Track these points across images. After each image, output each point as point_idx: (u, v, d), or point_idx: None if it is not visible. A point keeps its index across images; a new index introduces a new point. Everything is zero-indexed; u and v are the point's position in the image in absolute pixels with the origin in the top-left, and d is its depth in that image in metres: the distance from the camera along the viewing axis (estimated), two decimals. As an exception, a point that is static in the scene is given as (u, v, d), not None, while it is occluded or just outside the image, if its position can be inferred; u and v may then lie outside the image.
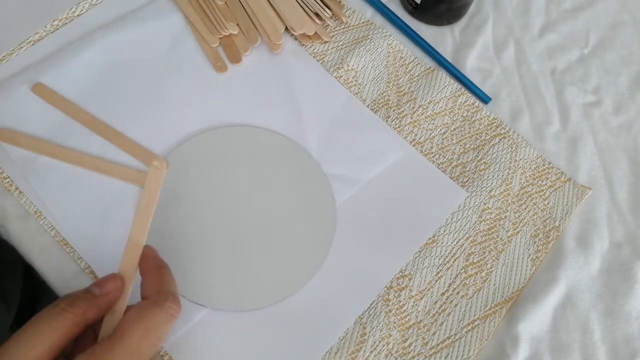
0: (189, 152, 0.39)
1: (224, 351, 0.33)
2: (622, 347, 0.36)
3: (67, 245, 0.35)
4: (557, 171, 0.42)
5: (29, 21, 0.42)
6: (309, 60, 0.44)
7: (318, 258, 0.37)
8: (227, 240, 0.37)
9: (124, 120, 0.39)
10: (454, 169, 0.41)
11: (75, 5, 0.43)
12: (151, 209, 0.29)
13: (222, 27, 0.43)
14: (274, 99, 0.42)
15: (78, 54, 0.41)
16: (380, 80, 0.44)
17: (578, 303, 0.38)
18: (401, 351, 0.35)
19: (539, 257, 0.39)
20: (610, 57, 0.48)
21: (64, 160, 0.37)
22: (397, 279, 0.37)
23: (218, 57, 0.43)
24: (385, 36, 0.46)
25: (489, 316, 0.36)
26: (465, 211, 0.39)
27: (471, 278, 0.38)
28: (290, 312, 0.35)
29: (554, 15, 0.50)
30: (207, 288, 0.35)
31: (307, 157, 0.40)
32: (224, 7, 0.44)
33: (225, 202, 0.38)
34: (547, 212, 0.40)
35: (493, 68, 0.47)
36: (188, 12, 0.44)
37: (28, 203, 0.36)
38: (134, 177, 0.37)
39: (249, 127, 0.41)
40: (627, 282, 0.38)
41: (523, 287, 0.38)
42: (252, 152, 0.40)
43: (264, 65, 0.43)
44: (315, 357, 0.34)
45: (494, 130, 0.43)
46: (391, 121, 0.42)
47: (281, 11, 0.44)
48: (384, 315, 0.35)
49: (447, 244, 0.38)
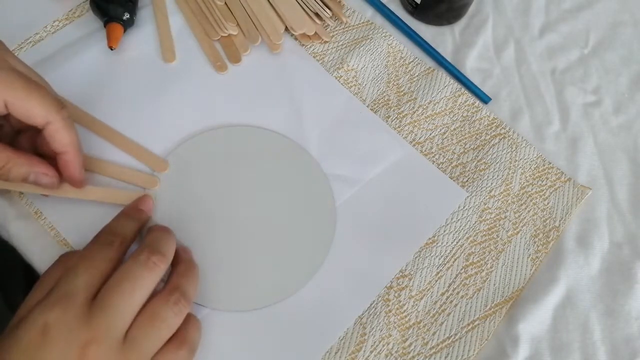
0: (189, 153, 0.39)
1: (224, 351, 0.33)
2: (622, 347, 0.36)
3: (67, 245, 0.35)
4: (557, 171, 0.42)
5: (29, 21, 0.42)
6: (309, 60, 0.44)
7: (318, 258, 0.37)
8: (226, 240, 0.37)
9: (123, 120, 0.39)
10: (454, 169, 0.41)
11: (75, 6, 0.43)
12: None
13: (222, 27, 0.43)
14: (274, 98, 0.42)
15: (78, 54, 0.41)
16: (380, 80, 0.44)
17: (578, 303, 0.38)
18: (401, 351, 0.35)
19: (539, 257, 0.39)
20: (610, 57, 0.48)
21: None
22: (397, 279, 0.37)
23: (218, 57, 0.43)
24: (385, 36, 0.46)
25: (489, 316, 0.36)
26: (465, 211, 0.39)
27: (471, 278, 0.38)
28: (290, 312, 0.35)
29: (554, 15, 0.50)
30: (207, 288, 0.35)
31: (307, 157, 0.40)
32: (224, 7, 0.44)
33: (225, 203, 0.38)
34: (547, 212, 0.40)
35: (493, 68, 0.47)
36: (187, 12, 0.44)
37: (28, 203, 0.36)
38: (133, 178, 0.37)
39: (249, 127, 0.41)
40: (627, 282, 0.39)
41: (523, 287, 0.38)
42: (252, 152, 0.40)
43: (264, 65, 0.43)
44: (315, 357, 0.34)
45: (494, 130, 0.43)
46: (391, 121, 0.42)
47: (281, 11, 0.44)
48: (384, 315, 0.35)
49: (447, 244, 0.38)
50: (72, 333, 0.26)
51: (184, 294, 0.30)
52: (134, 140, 0.39)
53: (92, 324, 0.27)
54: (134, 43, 0.43)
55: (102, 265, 0.29)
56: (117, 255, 0.30)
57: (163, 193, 0.37)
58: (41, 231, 0.35)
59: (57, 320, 0.26)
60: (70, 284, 0.28)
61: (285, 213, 0.38)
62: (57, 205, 0.36)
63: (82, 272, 0.28)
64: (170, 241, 0.32)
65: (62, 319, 0.26)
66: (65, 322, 0.26)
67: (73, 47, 0.42)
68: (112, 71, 0.41)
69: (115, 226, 0.32)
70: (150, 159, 0.38)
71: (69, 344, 0.26)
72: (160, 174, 0.38)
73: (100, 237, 0.31)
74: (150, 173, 0.38)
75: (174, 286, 0.30)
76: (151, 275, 0.29)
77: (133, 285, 0.28)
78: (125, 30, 0.42)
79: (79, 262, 0.29)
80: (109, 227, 0.32)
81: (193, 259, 0.34)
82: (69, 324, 0.26)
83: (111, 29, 0.41)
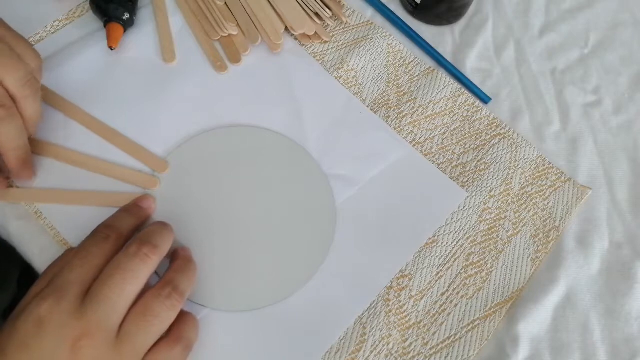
0: (189, 153, 0.39)
1: (224, 351, 0.33)
2: (622, 347, 0.36)
3: (67, 245, 0.35)
4: (557, 171, 0.42)
5: (29, 21, 0.42)
6: (309, 60, 0.44)
7: (318, 258, 0.37)
8: (226, 240, 0.37)
9: (123, 120, 0.39)
10: (454, 169, 0.41)
11: (75, 6, 0.43)
12: None
13: (222, 27, 0.43)
14: (274, 98, 0.42)
15: (78, 54, 0.41)
16: (380, 80, 0.44)
17: (578, 303, 0.38)
18: (401, 351, 0.35)
19: (539, 257, 0.39)
20: (610, 57, 0.48)
21: (64, 160, 0.37)
22: (397, 279, 0.37)
23: (218, 57, 0.43)
24: (385, 36, 0.46)
25: (489, 316, 0.36)
26: (466, 211, 0.39)
27: (471, 278, 0.38)
28: (290, 312, 0.35)
29: (554, 15, 0.50)
30: (207, 288, 0.35)
31: (307, 157, 0.40)
32: (224, 7, 0.44)
33: (225, 203, 0.38)
34: (547, 212, 0.40)
35: (493, 68, 0.47)
36: (187, 12, 0.44)
37: (28, 204, 0.36)
38: (133, 178, 0.37)
39: (248, 127, 0.41)
40: (627, 282, 0.38)
41: (523, 287, 0.38)
42: (251, 153, 0.40)
43: (264, 65, 0.43)
44: (315, 357, 0.34)
45: (494, 130, 0.43)
46: (391, 121, 0.42)
47: (281, 11, 0.44)
48: (384, 315, 0.35)
49: (447, 244, 0.38)
50: (64, 326, 0.26)
51: (176, 288, 0.30)
52: (133, 141, 0.39)
53: (84, 317, 0.27)
54: (133, 43, 0.43)
55: (97, 259, 0.29)
56: (113, 249, 0.30)
57: (163, 193, 0.37)
58: (41, 231, 0.36)
59: (50, 313, 0.26)
60: (64, 278, 0.28)
61: (285, 213, 0.38)
62: (56, 205, 0.36)
63: (76, 266, 0.28)
64: (164, 234, 0.32)
65: (55, 312, 0.27)
66: (58, 315, 0.26)
67: (73, 47, 0.42)
68: (111, 71, 0.41)
69: (112, 221, 0.32)
70: (150, 159, 0.38)
71: (61, 337, 0.26)
72: (160, 175, 0.38)
73: (97, 232, 0.31)
74: (151, 173, 0.38)
75: (167, 281, 0.30)
76: (143, 267, 0.29)
77: (124, 277, 0.28)
78: (125, 30, 0.42)
79: (74, 257, 0.29)
80: (106, 222, 0.32)
81: (191, 257, 0.34)
82: (61, 317, 0.26)
83: (111, 28, 0.41)
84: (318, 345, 0.34)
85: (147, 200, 0.35)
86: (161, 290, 0.29)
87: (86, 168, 0.37)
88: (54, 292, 0.27)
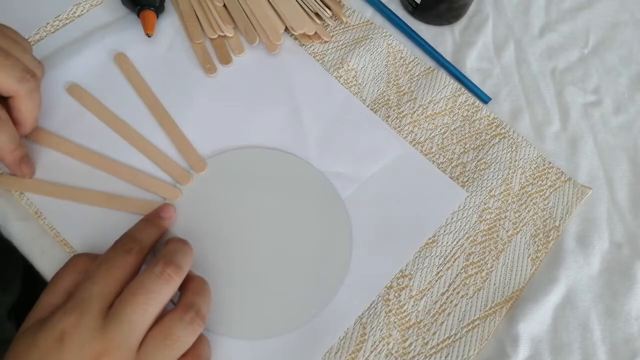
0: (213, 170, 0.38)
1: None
2: (622, 347, 0.36)
3: (67, 245, 0.35)
4: (557, 171, 0.42)
5: (29, 21, 0.42)
6: (309, 60, 0.44)
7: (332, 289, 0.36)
8: (241, 263, 0.36)
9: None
10: (454, 168, 0.41)
11: (75, 6, 0.43)
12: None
13: (218, 28, 0.43)
14: (274, 98, 0.42)
15: (78, 55, 0.41)
16: (380, 80, 0.44)
17: (578, 303, 0.38)
18: (401, 351, 0.35)
19: (539, 257, 0.39)
20: (610, 57, 0.48)
21: (65, 153, 0.37)
22: (397, 278, 0.37)
23: (208, 59, 0.43)
24: (385, 36, 0.46)
25: (489, 316, 0.36)
26: (466, 211, 0.39)
27: (471, 278, 0.38)
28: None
29: (554, 15, 0.50)
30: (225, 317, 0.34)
31: (322, 178, 0.39)
32: (222, 9, 0.44)
33: (243, 224, 0.37)
34: (547, 212, 0.40)
35: (493, 68, 0.47)
36: (181, 13, 0.44)
37: (29, 204, 0.36)
38: (156, 187, 0.37)
39: (266, 149, 0.40)
40: (627, 282, 0.39)
41: (523, 287, 0.38)
42: (267, 176, 0.39)
43: (264, 65, 0.43)
44: (315, 357, 0.34)
45: (494, 130, 0.43)
46: (391, 121, 0.42)
47: (281, 11, 0.44)
48: (384, 315, 0.35)
49: (447, 244, 0.38)
50: (86, 343, 0.26)
51: (198, 312, 0.29)
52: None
53: (106, 335, 0.27)
54: (133, 43, 0.43)
55: (119, 272, 0.29)
56: (135, 262, 0.30)
57: (183, 207, 0.37)
58: (41, 231, 0.35)
59: (73, 328, 0.26)
60: (87, 292, 0.28)
61: (300, 237, 0.37)
62: (57, 205, 0.36)
63: (99, 280, 0.28)
64: (186, 254, 0.31)
65: (77, 328, 0.27)
66: (80, 330, 0.26)
67: (74, 45, 0.41)
68: (111, 72, 0.41)
69: (134, 232, 0.32)
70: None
71: (82, 354, 0.26)
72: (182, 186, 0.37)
73: (119, 244, 0.31)
74: (173, 184, 0.38)
75: (189, 304, 0.29)
76: (166, 288, 0.29)
77: (147, 298, 0.28)
78: (158, 16, 0.42)
79: (97, 269, 0.29)
80: (128, 234, 0.32)
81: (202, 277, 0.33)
82: (83, 333, 0.26)
83: (146, 16, 0.41)
84: (318, 345, 0.34)
85: (168, 210, 0.35)
86: (184, 314, 0.29)
87: (109, 171, 0.37)
88: (78, 306, 0.27)
